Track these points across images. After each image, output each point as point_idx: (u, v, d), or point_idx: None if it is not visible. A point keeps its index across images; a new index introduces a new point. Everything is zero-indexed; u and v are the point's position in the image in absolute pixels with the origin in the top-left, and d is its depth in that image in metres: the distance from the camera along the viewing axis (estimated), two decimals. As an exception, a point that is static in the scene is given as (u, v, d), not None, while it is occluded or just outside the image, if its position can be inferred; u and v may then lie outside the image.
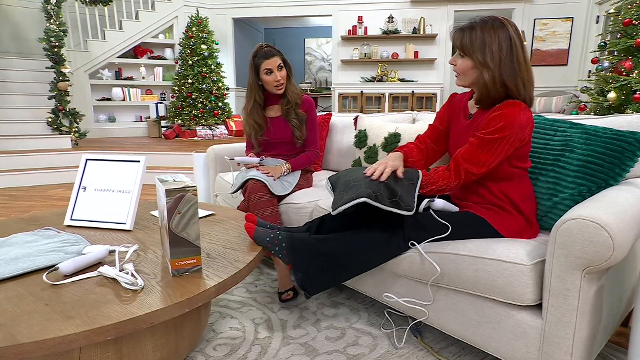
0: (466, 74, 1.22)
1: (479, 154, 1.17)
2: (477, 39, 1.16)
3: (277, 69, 1.84)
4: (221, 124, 6.17)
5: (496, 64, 1.15)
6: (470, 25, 1.18)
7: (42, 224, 1.36)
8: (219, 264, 1.09)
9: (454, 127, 1.39)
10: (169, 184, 1.01)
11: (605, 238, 0.90)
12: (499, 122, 1.14)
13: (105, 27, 6.19)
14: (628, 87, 2.57)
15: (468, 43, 1.17)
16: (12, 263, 0.98)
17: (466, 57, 1.19)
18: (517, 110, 1.14)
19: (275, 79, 1.84)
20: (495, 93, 1.18)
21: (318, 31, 8.93)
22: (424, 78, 6.34)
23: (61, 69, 4.93)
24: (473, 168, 1.19)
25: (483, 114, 1.24)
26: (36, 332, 0.74)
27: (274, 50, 1.85)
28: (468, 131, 1.29)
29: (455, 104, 1.42)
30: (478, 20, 1.18)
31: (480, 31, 1.16)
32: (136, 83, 6.48)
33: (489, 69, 1.15)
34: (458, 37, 1.20)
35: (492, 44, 1.14)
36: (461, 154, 1.21)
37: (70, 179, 4.28)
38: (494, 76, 1.16)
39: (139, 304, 0.87)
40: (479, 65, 1.17)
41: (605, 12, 5.01)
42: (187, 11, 6.49)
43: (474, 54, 1.16)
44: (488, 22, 1.16)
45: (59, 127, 4.92)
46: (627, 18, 2.68)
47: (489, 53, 1.14)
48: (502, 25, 1.16)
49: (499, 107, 1.17)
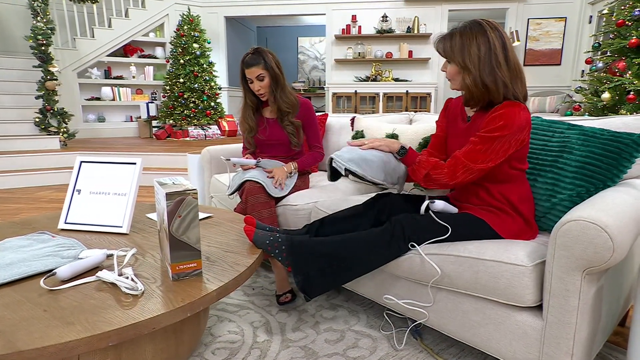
0: (455, 79, 1.26)
1: (479, 153, 1.18)
2: (456, 44, 1.20)
3: (257, 79, 1.82)
4: (214, 124, 6.13)
5: (475, 66, 1.18)
6: (451, 32, 1.23)
7: (36, 228, 1.33)
8: (219, 268, 1.08)
9: (452, 131, 1.40)
10: (168, 187, 0.99)
11: (605, 239, 0.91)
12: (499, 122, 1.15)
13: (94, 25, 6.10)
14: (622, 87, 2.61)
15: (449, 49, 1.22)
16: (7, 268, 0.95)
17: (451, 63, 1.23)
18: (516, 110, 1.15)
19: (254, 88, 1.84)
20: (477, 94, 1.21)
21: (311, 30, 8.90)
22: (418, 78, 6.35)
23: (49, 67, 4.83)
24: (472, 164, 1.19)
25: (482, 116, 1.26)
26: (36, 339, 0.72)
27: (258, 59, 1.80)
28: (467, 133, 1.30)
29: (451, 109, 1.44)
30: (459, 26, 1.23)
31: (459, 37, 1.20)
32: (126, 82, 6.39)
33: (469, 71, 1.19)
34: (440, 44, 1.25)
35: (470, 47, 1.18)
36: (461, 152, 1.22)
37: (59, 180, 4.21)
38: (475, 78, 1.19)
39: (140, 309, 0.85)
40: (461, 68, 1.21)
41: (599, 12, 5.08)
42: (179, 9, 6.42)
43: (455, 58, 1.21)
44: (467, 27, 1.20)
45: (46, 128, 4.83)
46: (620, 19, 2.72)
47: (468, 56, 1.18)
48: (480, 28, 1.19)
49: (498, 108, 1.18)
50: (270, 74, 1.83)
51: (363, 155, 1.29)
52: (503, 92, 1.18)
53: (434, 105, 6.20)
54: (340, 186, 1.86)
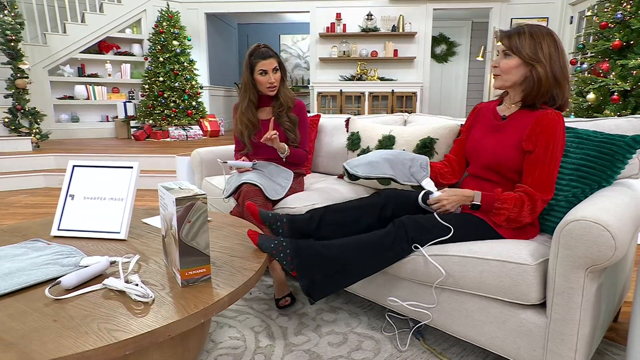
0: (509, 73, 1.28)
1: (545, 174, 1.21)
2: (526, 38, 1.25)
3: (273, 71, 1.81)
4: (195, 124, 6.00)
5: (547, 59, 1.23)
6: (518, 29, 1.27)
7: (26, 235, 1.26)
8: (226, 273, 1.06)
9: (478, 129, 1.44)
10: (177, 192, 0.97)
11: (607, 238, 0.95)
12: (544, 136, 1.22)
13: (65, 20, 5.84)
14: (606, 88, 2.71)
15: (516, 42, 1.25)
16: (6, 278, 0.90)
17: (513, 56, 1.26)
18: (555, 118, 1.23)
19: (268, 81, 1.82)
20: (546, 86, 1.25)
21: (293, 27, 8.81)
22: (403, 77, 6.38)
23: (19, 65, 4.61)
24: (547, 195, 1.22)
25: (520, 115, 1.31)
26: (51, 349, 0.69)
27: (272, 52, 1.82)
28: (500, 130, 1.34)
29: (482, 111, 1.47)
30: (524, 26, 1.27)
31: (528, 33, 1.25)
32: (101, 80, 6.17)
33: (541, 63, 1.23)
34: (506, 38, 1.28)
35: (542, 42, 1.24)
36: (530, 185, 1.22)
37: (32, 184, 4.01)
38: (546, 70, 1.23)
39: (154, 316, 0.83)
40: (530, 59, 1.24)
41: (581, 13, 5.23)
42: (157, 4, 6.24)
43: (523, 51, 1.24)
44: (534, 27, 1.26)
45: (17, 129, 4.60)
46: (603, 21, 2.82)
47: (540, 50, 1.23)
48: (548, 31, 1.26)
49: (537, 119, 1.24)
50: (281, 68, 1.85)
51: (369, 160, 1.41)
52: (567, 93, 1.27)
53: (419, 105, 6.25)
54: (340, 189, 1.87)
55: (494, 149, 1.32)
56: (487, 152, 1.34)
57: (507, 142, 1.30)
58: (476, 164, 1.39)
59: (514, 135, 1.29)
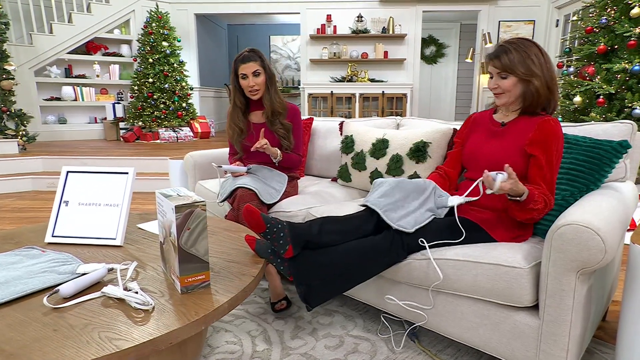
0: (512, 90, 1.31)
1: (550, 178, 1.25)
2: (514, 57, 1.27)
3: (253, 75, 1.81)
4: (185, 126, 5.96)
5: (539, 70, 1.27)
6: (502, 48, 1.29)
7: (20, 242, 1.25)
8: (225, 279, 1.06)
9: (476, 137, 1.46)
10: (176, 199, 0.97)
11: (598, 242, 0.98)
12: (549, 143, 1.25)
13: (52, 20, 5.75)
14: (592, 91, 2.78)
15: (508, 63, 1.28)
16: (3, 287, 0.89)
17: (510, 76, 1.29)
18: (553, 125, 1.27)
19: (249, 85, 1.83)
20: (544, 96, 1.29)
21: (283, 28, 8.81)
22: (393, 78, 6.43)
23: (5, 65, 4.53)
24: (554, 197, 1.27)
25: (520, 121, 1.35)
26: (53, 360, 0.69)
27: (254, 56, 1.82)
28: (500, 136, 1.37)
29: (477, 120, 1.50)
30: (505, 43, 1.30)
31: (514, 51, 1.28)
32: (89, 81, 6.08)
33: (536, 76, 1.27)
34: (496, 60, 1.30)
35: (529, 54, 1.27)
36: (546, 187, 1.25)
37: (19, 187, 3.94)
38: (541, 81, 1.28)
39: (155, 324, 0.83)
40: (525, 76, 1.27)
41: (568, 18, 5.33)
42: (146, 5, 6.18)
43: (517, 69, 1.27)
44: (517, 41, 1.29)
45: (3, 131, 4.51)
46: (589, 26, 2.89)
47: (531, 63, 1.27)
48: (530, 42, 1.30)
49: (539, 126, 1.27)
50: (266, 72, 1.84)
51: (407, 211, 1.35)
52: (557, 98, 1.32)
53: (409, 107, 6.30)
54: (334, 192, 1.88)
55: (496, 154, 1.35)
56: (489, 157, 1.37)
57: (509, 147, 1.33)
58: (475, 169, 1.42)
59: (516, 141, 1.32)
